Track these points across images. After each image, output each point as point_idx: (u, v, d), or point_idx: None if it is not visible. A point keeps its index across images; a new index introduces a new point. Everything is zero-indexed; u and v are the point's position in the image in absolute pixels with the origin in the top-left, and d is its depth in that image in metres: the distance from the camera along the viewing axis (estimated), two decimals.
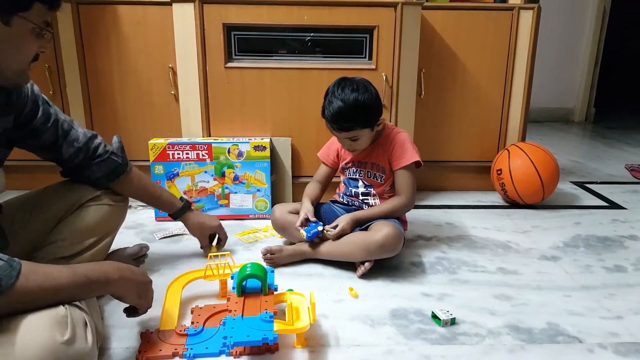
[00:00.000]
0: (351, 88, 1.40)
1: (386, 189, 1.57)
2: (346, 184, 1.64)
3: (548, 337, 1.17)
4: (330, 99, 1.42)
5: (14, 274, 0.78)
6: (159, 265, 1.49)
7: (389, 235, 1.40)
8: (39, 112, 1.11)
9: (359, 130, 1.43)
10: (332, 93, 1.42)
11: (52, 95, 1.99)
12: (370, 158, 1.56)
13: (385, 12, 1.88)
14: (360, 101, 1.39)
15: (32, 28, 0.91)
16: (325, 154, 1.66)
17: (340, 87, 1.42)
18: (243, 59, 1.93)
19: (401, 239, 1.44)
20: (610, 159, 3.06)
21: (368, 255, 1.42)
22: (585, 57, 4.25)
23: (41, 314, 0.79)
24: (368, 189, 1.59)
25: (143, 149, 1.90)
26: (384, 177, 1.55)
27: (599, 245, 1.72)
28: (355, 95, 1.39)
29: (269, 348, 1.09)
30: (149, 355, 1.05)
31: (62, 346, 0.75)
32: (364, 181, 1.59)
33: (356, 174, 1.59)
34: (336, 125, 1.42)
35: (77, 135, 1.20)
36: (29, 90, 1.09)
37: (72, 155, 1.20)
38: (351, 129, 1.42)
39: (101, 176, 1.24)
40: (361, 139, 1.46)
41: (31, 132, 1.11)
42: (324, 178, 1.66)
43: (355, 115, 1.40)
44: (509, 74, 2.13)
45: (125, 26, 1.95)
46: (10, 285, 0.77)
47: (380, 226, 1.44)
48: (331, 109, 1.40)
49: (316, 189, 1.63)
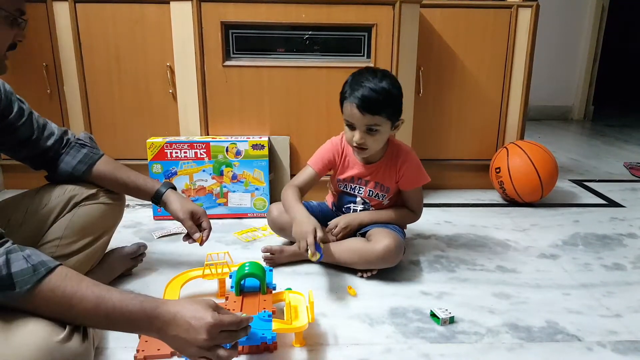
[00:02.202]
0: (383, 74, 1.34)
1: (385, 203, 1.53)
2: (340, 197, 1.57)
3: (547, 335, 1.17)
4: (359, 80, 1.32)
5: (33, 279, 0.75)
6: (157, 264, 1.49)
7: (390, 248, 1.37)
8: (14, 107, 1.12)
9: (383, 119, 1.32)
10: (362, 75, 1.33)
11: (49, 93, 1.99)
12: (375, 177, 1.48)
13: (383, 10, 1.87)
14: (392, 89, 1.32)
15: (5, 16, 0.91)
16: (319, 159, 1.51)
17: (372, 72, 1.35)
18: (241, 57, 1.93)
19: (401, 250, 1.42)
20: (609, 157, 3.06)
21: (367, 265, 1.41)
22: (584, 54, 4.26)
23: None
24: (366, 207, 1.54)
25: (141, 148, 1.89)
26: (386, 196, 1.50)
27: (597, 244, 1.72)
28: (388, 81, 1.32)
29: (268, 347, 1.08)
30: (147, 355, 1.05)
31: (57, 345, 0.74)
32: (363, 199, 1.53)
33: (355, 190, 1.52)
34: (363, 104, 1.29)
35: (53, 129, 1.23)
36: (2, 87, 1.09)
37: (50, 147, 1.21)
38: (377, 112, 1.30)
39: (77, 163, 1.24)
40: (378, 135, 1.35)
41: (7, 127, 1.12)
42: (306, 184, 1.50)
43: (385, 100, 1.30)
44: (507, 72, 2.13)
45: (123, 24, 1.94)
46: (27, 291, 0.75)
47: (381, 236, 1.40)
48: (360, 87, 1.30)
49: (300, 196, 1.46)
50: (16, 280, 0.74)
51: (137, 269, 1.45)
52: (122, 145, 2.04)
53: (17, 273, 0.75)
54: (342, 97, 1.36)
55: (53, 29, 1.92)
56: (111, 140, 2.02)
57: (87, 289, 0.79)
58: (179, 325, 0.81)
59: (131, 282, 1.39)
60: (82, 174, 1.24)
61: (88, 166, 1.25)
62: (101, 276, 1.29)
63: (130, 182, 1.30)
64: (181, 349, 0.83)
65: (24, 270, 0.75)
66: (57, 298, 0.77)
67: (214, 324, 0.81)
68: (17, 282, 0.74)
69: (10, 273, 0.74)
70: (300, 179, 1.50)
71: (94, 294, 0.79)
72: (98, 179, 1.26)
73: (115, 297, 0.80)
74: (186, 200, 1.34)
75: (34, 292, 0.75)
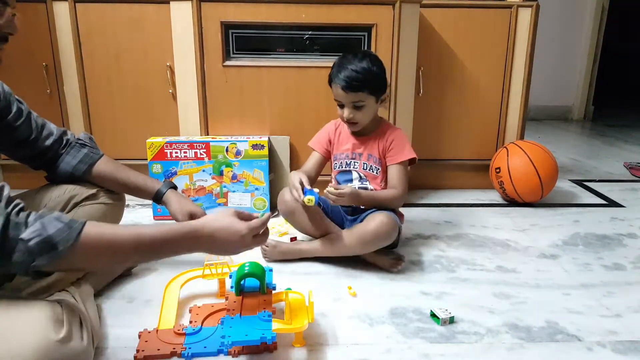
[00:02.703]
0: (364, 55, 1.46)
1: (381, 184, 1.56)
2: (338, 180, 1.60)
3: (547, 335, 1.17)
4: (342, 62, 1.44)
5: (73, 235, 0.79)
6: (157, 264, 1.49)
7: (382, 223, 1.41)
8: (13, 108, 1.12)
9: (366, 95, 1.44)
10: (345, 58, 1.46)
11: (49, 94, 1.99)
12: (366, 149, 1.55)
13: (383, 10, 1.87)
14: (372, 67, 1.43)
15: None
16: (317, 141, 1.63)
17: (353, 54, 1.46)
18: (241, 57, 1.93)
19: (395, 227, 1.45)
20: (609, 157, 3.06)
21: (364, 245, 1.44)
22: (584, 54, 4.26)
23: (36, 312, 0.79)
24: (364, 183, 1.57)
25: (141, 148, 1.89)
26: (379, 169, 1.54)
27: (597, 244, 1.72)
28: (368, 60, 1.44)
29: (268, 347, 1.08)
30: (147, 355, 1.05)
31: (57, 344, 0.74)
32: (359, 172, 1.56)
33: (350, 165, 1.57)
34: (346, 84, 1.41)
35: (52, 129, 1.23)
36: (1, 88, 1.10)
37: (49, 147, 1.21)
38: (360, 90, 1.42)
39: (77, 162, 1.24)
40: (365, 109, 1.46)
41: (5, 127, 1.12)
42: (313, 168, 1.59)
43: (366, 77, 1.42)
44: (507, 72, 2.13)
45: (123, 24, 1.94)
46: (70, 246, 0.78)
47: (373, 215, 1.46)
48: (343, 69, 1.42)
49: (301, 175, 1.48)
50: (57, 240, 0.78)
51: (137, 269, 1.45)
52: (122, 145, 2.04)
53: (55, 234, 0.78)
54: (330, 80, 1.48)
55: (53, 29, 1.92)
56: (111, 140, 2.02)
57: (124, 231, 0.85)
58: (217, 241, 0.95)
59: (131, 282, 1.39)
60: (82, 174, 1.24)
61: (88, 166, 1.25)
62: (101, 276, 1.30)
63: (131, 182, 1.30)
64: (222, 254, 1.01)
65: (61, 229, 0.79)
66: (100, 246, 0.82)
67: (246, 233, 0.96)
68: (58, 242, 0.78)
69: (49, 235, 0.77)
70: (306, 165, 1.60)
71: (130, 232, 0.86)
72: (98, 179, 1.26)
73: (151, 230, 0.88)
74: (186, 201, 1.34)
75: (77, 246, 0.79)
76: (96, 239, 0.82)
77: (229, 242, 0.95)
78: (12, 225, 0.76)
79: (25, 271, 0.78)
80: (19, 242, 0.76)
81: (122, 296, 1.31)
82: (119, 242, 0.84)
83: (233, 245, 0.96)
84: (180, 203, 1.32)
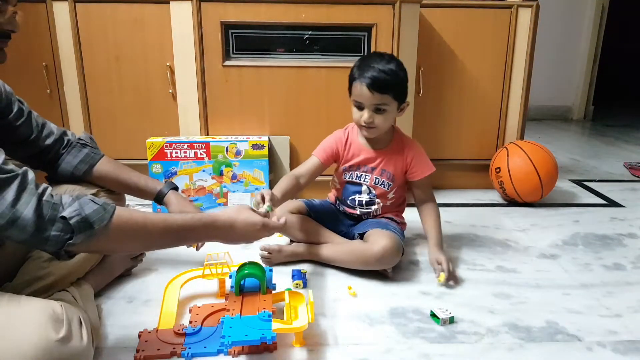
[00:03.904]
0: (390, 57, 1.40)
1: (389, 196, 1.52)
2: (345, 189, 1.55)
3: (547, 335, 1.17)
4: (368, 62, 1.37)
5: (107, 216, 0.85)
6: (157, 264, 1.49)
7: (386, 248, 1.37)
8: (14, 107, 1.13)
9: (390, 99, 1.36)
10: (371, 58, 1.39)
11: (49, 93, 1.99)
12: (380, 164, 1.49)
13: (383, 10, 1.87)
14: (399, 71, 1.38)
15: None
16: (322, 149, 1.53)
17: (380, 55, 1.41)
18: (241, 57, 1.93)
19: (400, 251, 1.41)
20: (609, 157, 3.05)
21: (364, 266, 1.41)
22: (584, 54, 4.25)
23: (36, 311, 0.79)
24: (372, 197, 1.52)
25: (141, 148, 1.89)
26: (391, 185, 1.50)
27: (597, 244, 1.72)
28: (395, 64, 1.38)
29: (268, 347, 1.08)
30: (147, 355, 1.05)
31: (56, 344, 0.74)
32: (369, 187, 1.51)
33: (361, 178, 1.51)
34: (373, 82, 1.33)
35: (52, 129, 1.23)
36: (3, 87, 1.10)
37: (50, 146, 1.21)
38: (386, 92, 1.35)
39: (78, 162, 1.24)
40: (386, 114, 1.38)
41: (6, 127, 1.12)
42: (308, 174, 1.50)
43: (393, 80, 1.35)
44: (507, 72, 2.13)
45: (123, 24, 1.94)
46: (104, 227, 0.84)
47: (378, 237, 1.40)
48: (369, 68, 1.35)
49: (290, 185, 1.44)
50: (93, 220, 0.83)
51: (137, 269, 1.45)
52: (122, 145, 2.04)
53: (92, 214, 0.84)
54: (351, 78, 1.40)
55: (53, 28, 1.92)
56: (111, 140, 2.02)
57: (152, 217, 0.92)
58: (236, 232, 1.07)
59: (131, 282, 1.39)
60: (83, 174, 1.24)
61: (89, 166, 1.25)
62: (101, 276, 1.29)
63: (132, 182, 1.30)
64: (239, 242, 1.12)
65: (96, 210, 0.84)
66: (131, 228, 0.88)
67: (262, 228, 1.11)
68: (94, 222, 0.83)
69: (86, 215, 0.83)
70: (302, 168, 1.52)
71: (159, 219, 0.93)
72: (99, 179, 1.26)
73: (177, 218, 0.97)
74: (186, 203, 1.35)
75: (110, 227, 0.85)
76: (128, 222, 0.88)
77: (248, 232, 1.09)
78: (48, 205, 0.82)
79: (59, 249, 0.83)
80: (58, 220, 0.82)
81: (122, 296, 1.31)
82: (149, 226, 0.90)
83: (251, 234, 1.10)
84: (180, 205, 1.33)
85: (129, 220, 0.88)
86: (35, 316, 0.77)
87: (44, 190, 0.84)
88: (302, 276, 1.38)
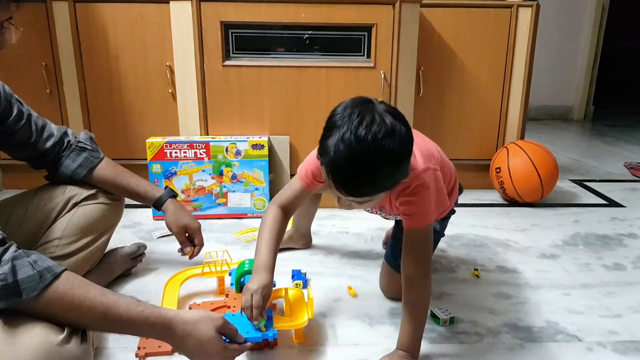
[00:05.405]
0: (374, 136, 0.85)
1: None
2: None
3: (547, 335, 1.17)
4: (338, 148, 0.87)
5: (39, 286, 0.75)
6: (156, 264, 1.49)
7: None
8: (14, 110, 1.12)
9: (377, 195, 0.94)
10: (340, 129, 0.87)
11: (49, 93, 1.99)
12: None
13: (383, 9, 1.87)
14: (382, 165, 0.87)
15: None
16: (304, 171, 1.15)
17: (355, 133, 0.85)
18: (241, 57, 1.93)
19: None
20: (609, 157, 3.05)
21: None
22: (584, 54, 4.25)
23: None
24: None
25: (141, 148, 1.89)
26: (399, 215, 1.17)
27: (598, 244, 1.72)
28: (381, 152, 0.86)
29: (268, 344, 1.09)
30: (148, 352, 1.05)
31: (56, 347, 0.74)
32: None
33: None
34: (351, 193, 0.91)
35: (52, 130, 1.22)
36: (2, 89, 1.09)
37: (49, 149, 1.20)
38: (361, 194, 0.92)
39: (77, 167, 1.23)
40: (373, 202, 0.99)
41: (5, 130, 1.12)
42: (291, 201, 1.18)
43: (376, 185, 0.91)
44: (507, 72, 2.13)
45: (123, 24, 1.94)
46: (33, 298, 0.74)
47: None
48: (341, 170, 0.88)
49: (281, 224, 1.15)
50: (23, 288, 0.74)
51: (136, 269, 1.45)
52: (121, 145, 2.04)
53: (24, 280, 0.74)
54: (320, 152, 0.92)
55: (52, 29, 1.92)
56: (111, 140, 2.01)
57: (94, 299, 0.79)
58: (190, 345, 0.86)
59: (131, 282, 1.39)
60: (82, 178, 1.24)
61: (88, 170, 1.25)
62: (101, 276, 1.30)
63: (131, 189, 1.30)
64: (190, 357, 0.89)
65: (31, 277, 0.74)
66: (65, 305, 0.76)
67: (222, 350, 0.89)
68: (23, 290, 0.74)
69: (16, 280, 0.73)
70: (285, 196, 1.18)
71: (102, 304, 0.79)
72: (99, 183, 1.27)
73: (122, 308, 0.81)
74: (183, 213, 1.34)
75: (40, 299, 0.75)
76: (63, 298, 0.76)
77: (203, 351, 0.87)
78: None
79: None
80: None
81: None
82: (84, 308, 0.78)
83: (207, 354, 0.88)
84: (177, 215, 1.32)
85: (64, 297, 0.76)
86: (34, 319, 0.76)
87: None
88: (302, 276, 1.38)
